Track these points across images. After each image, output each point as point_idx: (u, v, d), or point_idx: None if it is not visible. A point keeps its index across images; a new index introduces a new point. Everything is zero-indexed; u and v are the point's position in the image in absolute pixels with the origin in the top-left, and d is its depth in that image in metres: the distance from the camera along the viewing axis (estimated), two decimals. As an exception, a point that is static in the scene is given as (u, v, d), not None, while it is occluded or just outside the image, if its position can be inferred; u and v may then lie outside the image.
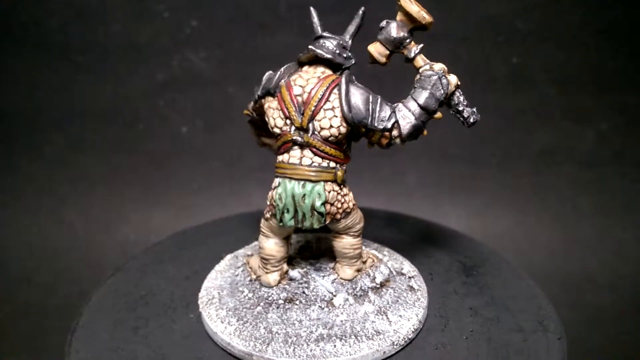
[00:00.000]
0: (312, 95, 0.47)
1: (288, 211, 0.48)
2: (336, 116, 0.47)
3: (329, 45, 0.49)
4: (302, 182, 0.48)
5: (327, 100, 0.47)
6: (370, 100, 0.48)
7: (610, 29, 1.12)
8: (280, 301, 0.52)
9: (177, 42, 1.14)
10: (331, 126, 0.47)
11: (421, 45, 0.51)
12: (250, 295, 0.53)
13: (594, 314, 1.03)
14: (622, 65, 1.15)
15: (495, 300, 0.57)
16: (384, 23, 0.51)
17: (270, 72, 0.50)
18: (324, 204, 0.48)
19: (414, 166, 1.24)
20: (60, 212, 1.22)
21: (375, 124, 0.48)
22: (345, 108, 0.47)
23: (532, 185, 1.23)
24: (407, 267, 0.59)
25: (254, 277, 0.56)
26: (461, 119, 0.50)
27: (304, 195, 0.48)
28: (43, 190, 1.23)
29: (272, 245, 0.53)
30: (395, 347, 0.48)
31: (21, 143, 1.22)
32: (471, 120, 0.50)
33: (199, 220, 0.79)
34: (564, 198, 1.22)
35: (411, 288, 0.55)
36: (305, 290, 0.53)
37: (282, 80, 0.49)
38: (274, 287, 0.54)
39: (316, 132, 0.47)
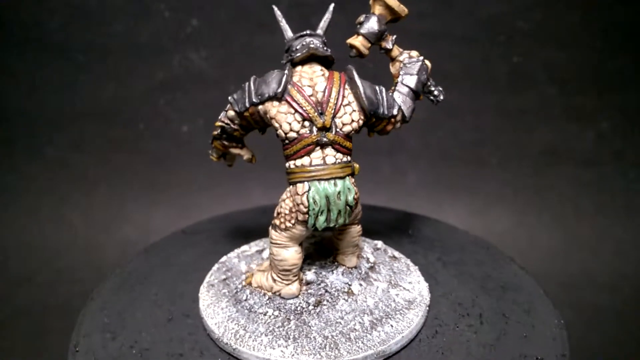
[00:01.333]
0: (329, 94, 0.48)
1: (322, 212, 0.48)
2: (355, 110, 0.49)
3: (317, 42, 0.50)
4: (332, 181, 0.48)
5: (344, 96, 0.48)
6: (377, 90, 0.51)
7: (610, 28, 1.12)
8: (311, 307, 0.51)
9: (178, 42, 1.14)
10: (352, 121, 0.49)
11: (395, 36, 0.54)
12: (276, 313, 0.50)
13: (593, 313, 1.03)
14: (622, 65, 1.15)
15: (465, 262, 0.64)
16: (363, 17, 0.52)
17: (254, 76, 0.48)
18: (354, 197, 0.49)
19: (414, 166, 1.24)
20: (60, 212, 1.22)
21: (386, 112, 0.50)
22: (366, 102, 0.48)
23: (533, 185, 1.23)
24: (379, 243, 0.64)
25: (270, 294, 0.53)
26: (432, 97, 0.54)
27: (339, 193, 0.48)
28: (44, 190, 1.23)
29: (293, 254, 0.51)
30: (428, 307, 0.53)
31: (22, 143, 1.22)
32: (441, 97, 0.54)
33: (200, 220, 0.79)
34: (564, 198, 1.22)
35: (394, 257, 0.61)
36: (327, 289, 0.53)
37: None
38: (298, 296, 0.53)
39: (339, 130, 0.48)
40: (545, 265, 1.14)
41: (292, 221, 0.49)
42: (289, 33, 0.51)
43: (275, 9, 0.51)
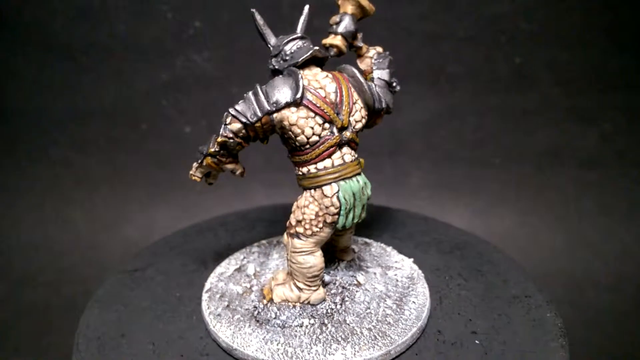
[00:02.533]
0: (341, 93, 0.48)
1: (351, 210, 0.49)
2: (362, 107, 0.50)
3: (311, 44, 0.50)
4: (354, 178, 0.49)
5: (352, 94, 0.50)
6: (370, 85, 0.52)
7: (613, 29, 1.12)
8: (339, 306, 0.52)
9: (181, 43, 1.14)
10: (362, 117, 0.50)
11: (361, 33, 0.55)
12: (312, 321, 0.50)
13: (596, 314, 1.03)
14: (625, 66, 1.14)
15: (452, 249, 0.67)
16: (338, 17, 0.52)
17: (258, 85, 0.47)
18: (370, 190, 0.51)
19: (416, 166, 1.24)
20: (64, 212, 1.22)
21: (380, 106, 0.52)
22: (374, 98, 0.51)
23: (535, 186, 1.23)
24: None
25: (298, 304, 0.52)
26: (390, 89, 0.55)
27: (362, 188, 0.50)
28: (47, 189, 1.23)
29: (319, 258, 0.51)
30: (425, 279, 0.58)
31: (25, 143, 1.22)
32: (397, 88, 0.55)
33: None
34: (567, 198, 1.22)
35: (366, 244, 0.65)
36: (342, 285, 0.55)
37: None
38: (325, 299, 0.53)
39: (353, 128, 0.49)
40: (548, 265, 1.14)
41: (320, 225, 0.49)
42: (272, 38, 0.50)
43: (256, 14, 0.49)
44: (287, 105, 0.46)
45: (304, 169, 0.49)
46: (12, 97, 1.19)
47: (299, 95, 0.46)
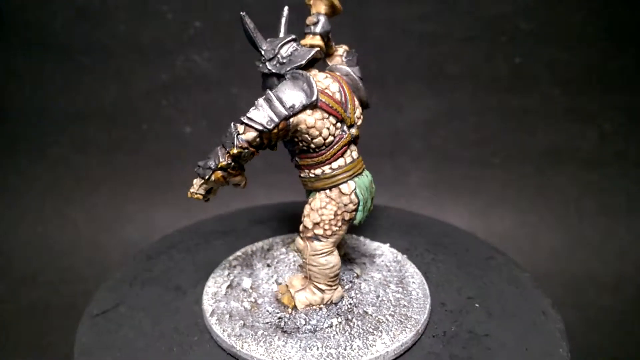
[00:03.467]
0: (345, 92, 0.49)
1: (367, 203, 0.50)
2: (359, 105, 0.52)
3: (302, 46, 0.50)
4: (363, 174, 0.50)
5: (351, 93, 0.50)
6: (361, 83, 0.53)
7: (613, 29, 1.12)
8: (353, 300, 0.54)
9: (181, 43, 1.14)
10: (360, 113, 0.51)
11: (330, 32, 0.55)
12: (339, 319, 0.51)
13: (596, 314, 1.03)
14: (625, 65, 1.14)
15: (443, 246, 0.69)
16: (315, 18, 0.51)
17: (268, 91, 0.46)
18: None
19: (416, 166, 1.24)
20: (64, 212, 1.22)
21: (368, 102, 0.54)
22: (365, 94, 0.52)
23: (535, 186, 1.23)
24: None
25: (322, 305, 0.52)
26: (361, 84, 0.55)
27: (371, 182, 0.51)
28: (47, 190, 1.23)
29: (338, 256, 0.52)
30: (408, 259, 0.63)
31: (25, 143, 1.22)
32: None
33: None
34: (567, 198, 1.22)
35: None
36: (353, 280, 0.57)
37: None
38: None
39: (357, 125, 0.50)
40: (548, 265, 1.14)
41: (339, 224, 0.50)
42: (263, 42, 0.49)
43: (246, 18, 0.48)
44: (304, 107, 0.45)
45: (318, 171, 0.49)
46: (12, 97, 1.19)
47: (314, 98, 0.45)
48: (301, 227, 0.51)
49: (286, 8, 0.51)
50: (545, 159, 1.22)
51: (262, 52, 0.48)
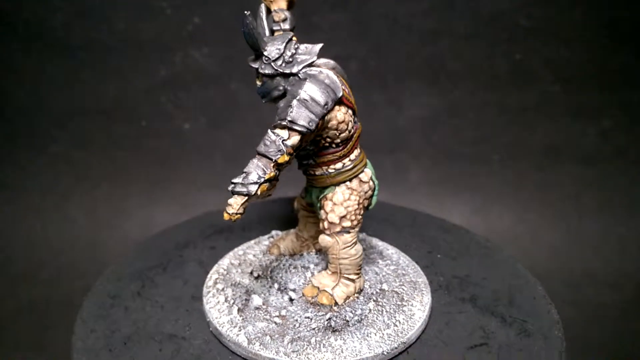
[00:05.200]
0: (344, 84, 0.49)
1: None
2: None
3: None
4: (368, 160, 0.52)
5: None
6: None
7: (613, 25, 1.12)
8: (373, 282, 0.56)
9: (180, 39, 1.14)
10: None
11: None
12: (372, 304, 0.52)
13: (595, 311, 1.04)
14: (625, 63, 1.14)
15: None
16: (283, 14, 0.50)
17: (302, 90, 0.44)
18: None
19: (416, 163, 1.24)
20: (64, 209, 1.22)
21: None
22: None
23: (535, 183, 1.23)
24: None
25: (356, 295, 0.53)
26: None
27: (373, 168, 0.53)
28: (47, 187, 1.23)
29: (359, 243, 0.53)
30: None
31: (25, 140, 1.22)
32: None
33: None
34: (567, 195, 1.22)
35: None
36: None
37: None
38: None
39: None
40: (547, 262, 1.14)
41: (361, 212, 0.51)
42: (263, 42, 0.47)
43: (249, 17, 0.45)
44: (334, 104, 0.45)
45: (339, 165, 0.49)
46: (12, 94, 1.19)
47: (341, 93, 0.45)
48: (326, 225, 0.50)
49: (263, 5, 0.49)
50: (545, 156, 1.22)
51: (265, 53, 0.46)
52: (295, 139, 0.43)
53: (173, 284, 0.59)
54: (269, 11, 0.50)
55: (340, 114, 0.47)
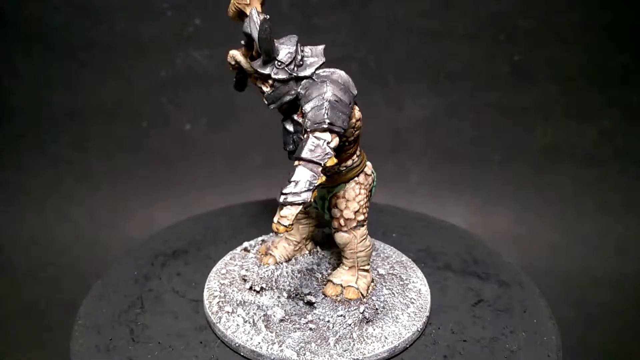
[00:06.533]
0: None
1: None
2: None
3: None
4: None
5: None
6: None
7: (612, 26, 1.12)
8: (376, 267, 0.59)
9: (181, 40, 1.14)
10: None
11: None
12: (387, 285, 0.56)
13: (594, 312, 1.04)
14: (624, 63, 1.15)
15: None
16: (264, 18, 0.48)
17: (329, 90, 0.44)
18: None
19: (416, 164, 1.24)
20: (64, 209, 1.23)
21: None
22: None
23: (534, 183, 1.23)
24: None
25: (372, 283, 0.55)
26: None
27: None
28: (48, 187, 1.23)
29: None
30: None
31: (26, 141, 1.22)
32: None
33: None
34: (566, 196, 1.22)
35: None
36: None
37: None
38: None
39: None
40: (547, 262, 1.14)
41: (368, 204, 0.53)
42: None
43: (268, 23, 0.44)
44: (354, 103, 0.46)
45: (349, 162, 0.50)
46: (13, 95, 1.19)
47: (356, 91, 0.46)
48: (341, 222, 0.51)
49: (254, 9, 0.46)
50: (545, 157, 1.22)
51: (279, 57, 0.45)
52: (336, 140, 0.43)
53: (163, 322, 0.53)
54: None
55: (357, 111, 0.48)
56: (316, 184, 0.41)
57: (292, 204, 0.41)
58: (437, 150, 1.23)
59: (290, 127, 0.48)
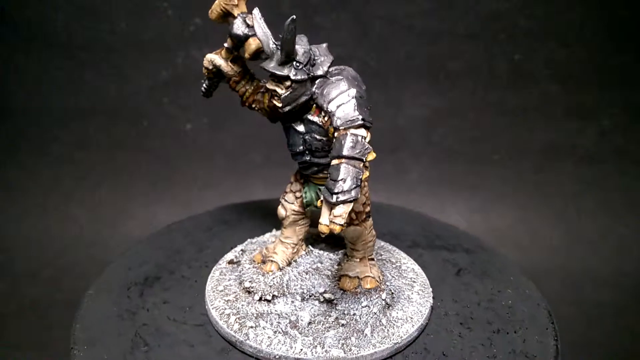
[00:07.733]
0: None
1: None
2: None
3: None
4: None
5: None
6: None
7: (612, 25, 1.12)
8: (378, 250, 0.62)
9: (181, 40, 1.14)
10: None
11: None
12: (389, 272, 0.57)
13: (594, 310, 1.04)
14: (624, 62, 1.15)
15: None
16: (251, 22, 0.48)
17: (352, 91, 0.44)
18: None
19: (415, 163, 1.24)
20: (65, 209, 1.23)
21: None
22: None
23: (534, 182, 1.23)
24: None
25: (381, 276, 0.56)
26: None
27: None
28: (49, 187, 1.23)
29: None
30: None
31: (27, 140, 1.23)
32: None
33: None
34: (566, 195, 1.22)
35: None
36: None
37: None
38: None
39: None
40: (547, 262, 1.14)
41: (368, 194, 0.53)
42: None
43: (294, 23, 0.43)
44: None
45: None
46: (14, 95, 1.19)
47: (364, 85, 0.46)
48: (353, 216, 0.51)
49: (256, 10, 0.46)
50: (545, 156, 1.22)
51: (297, 58, 0.44)
52: (369, 135, 0.43)
53: (180, 354, 0.49)
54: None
55: None
56: (362, 179, 0.42)
57: (344, 202, 0.41)
58: (437, 150, 1.23)
59: (300, 128, 0.48)
